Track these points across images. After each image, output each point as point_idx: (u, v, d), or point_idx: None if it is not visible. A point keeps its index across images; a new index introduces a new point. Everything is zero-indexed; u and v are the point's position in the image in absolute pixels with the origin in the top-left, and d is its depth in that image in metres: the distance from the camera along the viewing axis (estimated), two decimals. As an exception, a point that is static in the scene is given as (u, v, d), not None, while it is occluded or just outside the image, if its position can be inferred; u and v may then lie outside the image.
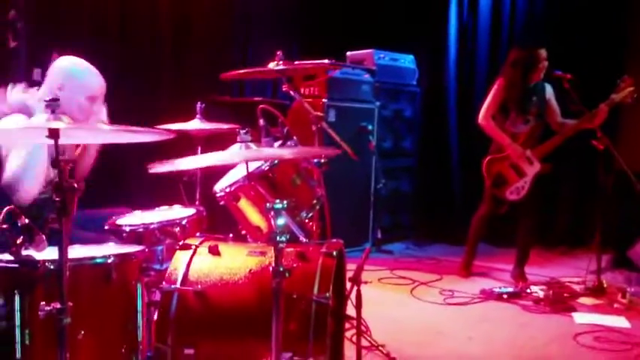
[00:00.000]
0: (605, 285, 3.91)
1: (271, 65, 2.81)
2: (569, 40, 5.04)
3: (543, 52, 4.02)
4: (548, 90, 4.15)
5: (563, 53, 4.47)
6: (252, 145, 2.08)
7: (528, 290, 3.91)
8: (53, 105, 1.63)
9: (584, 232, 4.98)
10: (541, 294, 3.82)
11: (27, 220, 1.74)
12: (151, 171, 1.91)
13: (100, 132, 1.91)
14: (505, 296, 3.83)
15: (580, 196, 5.11)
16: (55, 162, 1.61)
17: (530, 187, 4.07)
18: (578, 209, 5.16)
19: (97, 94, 2.57)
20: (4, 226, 1.71)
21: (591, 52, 5.00)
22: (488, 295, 3.86)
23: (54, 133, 1.61)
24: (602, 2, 5.04)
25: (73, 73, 2.53)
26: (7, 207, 1.72)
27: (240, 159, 2.21)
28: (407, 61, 5.53)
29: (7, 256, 1.78)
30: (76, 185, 1.63)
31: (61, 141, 1.62)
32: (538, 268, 4.49)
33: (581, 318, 3.50)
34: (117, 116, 2.71)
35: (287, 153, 2.27)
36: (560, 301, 3.73)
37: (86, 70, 2.56)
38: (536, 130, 4.13)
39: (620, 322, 3.43)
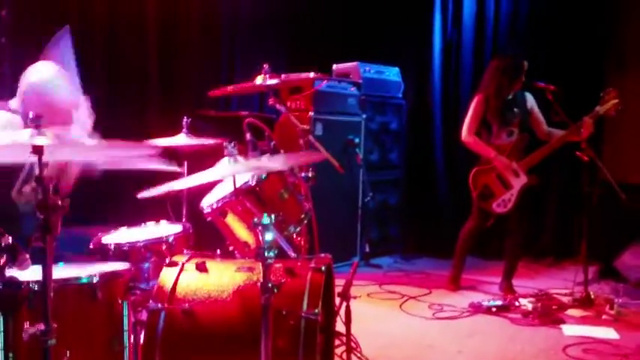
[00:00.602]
0: (592, 296, 3.92)
1: (258, 79, 2.80)
2: (552, 53, 5.10)
3: (525, 64, 4.07)
4: (529, 99, 4.18)
5: (546, 66, 4.52)
6: (240, 158, 2.07)
7: (517, 303, 3.91)
8: (37, 121, 1.60)
9: (571, 243, 5.01)
10: (529, 306, 3.82)
11: (10, 240, 1.71)
12: (140, 196, 1.89)
13: (85, 149, 1.89)
14: (494, 309, 3.83)
15: (565, 208, 5.14)
16: (38, 179, 1.58)
17: (516, 199, 4.09)
18: (564, 221, 5.18)
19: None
20: (-13, 245, 1.68)
21: (574, 64, 5.07)
22: (477, 309, 3.85)
23: (38, 150, 1.58)
24: (584, 15, 5.11)
25: (32, 81, 2.41)
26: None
27: (230, 172, 2.19)
28: (392, 73, 5.56)
29: (-11, 277, 1.74)
30: (60, 202, 1.60)
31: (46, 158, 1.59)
32: (526, 281, 4.50)
33: (569, 330, 3.50)
34: (103, 132, 2.67)
35: (275, 164, 2.25)
36: (548, 313, 3.73)
37: (49, 70, 2.44)
38: (521, 142, 4.15)
39: (609, 333, 3.44)
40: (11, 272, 1.72)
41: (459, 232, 4.36)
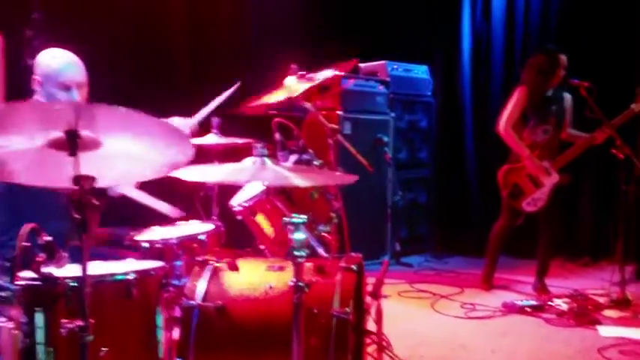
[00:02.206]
0: (629, 297, 3.84)
1: (288, 80, 2.81)
2: (584, 48, 5.00)
3: (564, 58, 3.99)
4: (567, 99, 4.11)
5: (578, 61, 4.43)
6: (267, 160, 2.07)
7: (551, 303, 3.85)
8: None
9: (608, 242, 4.89)
10: (564, 307, 3.75)
11: (48, 238, 1.74)
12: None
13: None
14: (528, 309, 3.77)
15: (602, 206, 5.03)
16: (75, 179, 1.61)
17: (548, 198, 4.01)
18: (600, 220, 5.08)
19: (68, 81, 2.38)
20: (26, 243, 1.72)
21: (608, 59, 4.96)
22: (510, 309, 3.80)
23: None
24: (617, 9, 4.99)
25: (45, 63, 2.41)
26: (29, 225, 1.73)
27: (255, 179, 2.19)
28: (421, 71, 5.52)
29: (28, 274, 1.78)
30: (96, 202, 1.63)
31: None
32: (561, 280, 4.42)
33: (605, 331, 3.43)
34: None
35: (303, 181, 2.21)
36: (584, 313, 3.66)
37: (60, 58, 2.42)
38: (555, 140, 4.08)
39: (647, 334, 3.36)
40: (49, 269, 1.76)
41: (490, 231, 4.30)
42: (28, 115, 1.52)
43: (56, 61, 2.42)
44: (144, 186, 2.65)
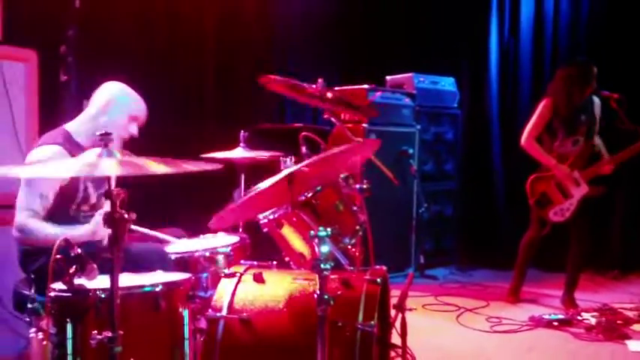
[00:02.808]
0: (660, 311, 3.76)
1: (319, 92, 2.83)
2: (614, 60, 4.94)
3: (595, 69, 3.95)
4: (597, 105, 4.05)
5: (608, 73, 4.37)
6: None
7: (579, 317, 3.78)
8: (106, 139, 1.68)
9: (638, 256, 4.81)
10: (593, 321, 3.68)
11: (79, 250, 1.80)
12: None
13: (145, 166, 1.95)
14: (555, 323, 3.71)
15: (632, 219, 4.94)
16: (107, 193, 1.66)
17: (576, 209, 3.96)
18: (631, 232, 4.98)
19: (139, 115, 2.64)
20: (58, 256, 1.77)
21: (636, 73, 4.88)
22: (537, 322, 3.74)
23: (108, 167, 1.66)
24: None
25: (118, 93, 2.61)
26: (62, 238, 1.78)
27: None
28: (447, 83, 5.51)
29: (59, 285, 1.84)
30: (127, 216, 1.67)
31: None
32: (590, 294, 4.35)
33: (635, 346, 3.36)
34: (163, 146, 2.77)
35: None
36: (613, 328, 3.58)
37: (131, 93, 2.65)
38: (586, 150, 4.02)
39: (678, 350, 3.28)
40: (80, 281, 1.81)
41: (519, 243, 4.26)
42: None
43: (134, 100, 2.64)
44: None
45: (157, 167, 1.71)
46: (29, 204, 2.41)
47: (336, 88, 4.09)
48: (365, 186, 2.75)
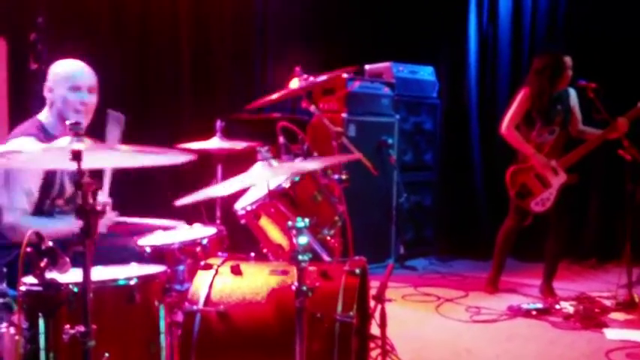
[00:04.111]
0: (636, 299, 3.80)
1: (293, 82, 2.81)
2: (592, 48, 4.97)
3: (569, 60, 3.97)
4: (573, 96, 4.08)
5: (586, 63, 4.40)
6: (273, 162, 2.07)
7: (558, 306, 3.82)
8: (76, 128, 1.63)
9: (614, 244, 4.87)
10: (571, 310, 3.72)
11: (50, 243, 1.74)
12: (178, 204, 1.91)
13: (120, 154, 1.91)
14: (534, 312, 3.74)
15: (609, 208, 5.00)
16: (78, 184, 1.61)
17: (555, 198, 3.99)
18: (607, 221, 5.04)
19: (78, 81, 2.44)
20: (28, 249, 1.72)
21: (616, 59, 4.92)
22: (516, 312, 3.77)
23: (77, 156, 1.61)
24: (624, 10, 4.96)
25: (52, 70, 2.48)
26: (31, 230, 1.73)
27: (265, 177, 2.19)
28: (426, 73, 5.50)
29: (31, 280, 1.78)
30: (99, 208, 1.62)
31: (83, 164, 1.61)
32: (567, 283, 4.39)
33: (612, 334, 3.40)
34: (137, 136, 2.71)
35: (309, 165, 2.23)
36: (590, 316, 3.62)
37: (62, 63, 2.49)
38: (561, 139, 4.05)
39: (654, 337, 3.33)
40: (51, 275, 1.76)
41: (497, 233, 4.28)
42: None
43: (67, 67, 2.49)
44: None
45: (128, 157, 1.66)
46: (16, 202, 2.34)
47: (314, 77, 4.06)
48: (344, 176, 2.73)
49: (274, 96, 2.95)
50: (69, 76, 2.46)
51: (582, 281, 4.56)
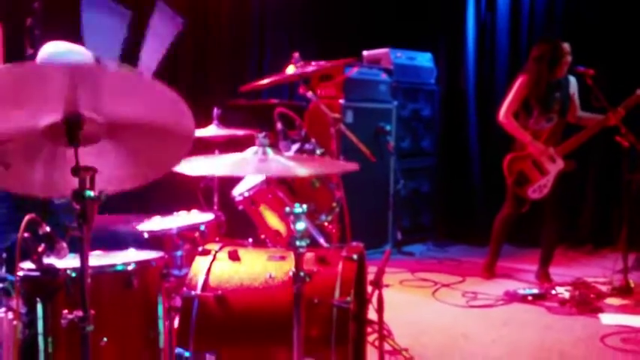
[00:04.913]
0: (632, 285, 3.83)
1: (290, 69, 2.80)
2: (591, 35, 4.95)
3: (567, 46, 3.96)
4: (573, 84, 4.08)
5: (585, 49, 4.39)
6: (270, 150, 2.06)
7: (553, 291, 3.85)
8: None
9: (610, 230, 4.90)
10: (567, 295, 3.75)
11: (48, 228, 1.74)
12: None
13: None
14: (530, 298, 3.77)
15: (605, 194, 5.02)
16: (75, 170, 1.60)
17: (553, 185, 4.00)
18: (603, 208, 5.06)
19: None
20: (26, 234, 1.72)
21: (616, 46, 4.90)
22: (512, 297, 3.80)
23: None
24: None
25: (46, 51, 2.43)
26: (28, 216, 1.73)
27: (257, 172, 2.19)
28: (424, 59, 5.48)
29: (28, 265, 1.79)
30: (96, 193, 1.62)
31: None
32: (563, 269, 4.41)
33: (608, 319, 3.43)
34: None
35: (306, 170, 2.20)
36: (586, 302, 3.65)
37: (61, 45, 2.45)
38: (559, 127, 4.06)
39: (649, 322, 3.36)
40: (49, 260, 1.76)
41: (494, 219, 4.29)
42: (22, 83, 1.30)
43: (57, 48, 2.44)
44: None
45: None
46: None
47: (313, 63, 4.04)
48: (341, 162, 2.73)
49: (265, 81, 2.94)
50: (59, 57, 2.42)
51: (578, 267, 4.58)
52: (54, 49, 2.45)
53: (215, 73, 5.10)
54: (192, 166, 1.92)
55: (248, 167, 2.04)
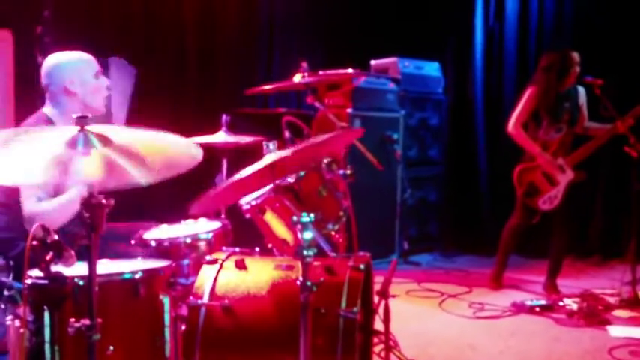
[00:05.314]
0: (640, 297, 3.80)
1: (296, 77, 2.80)
2: (600, 45, 4.94)
3: (576, 56, 3.95)
4: (582, 94, 4.07)
5: (593, 60, 4.38)
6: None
7: (561, 303, 3.82)
8: (83, 122, 1.63)
9: (619, 242, 4.86)
10: (574, 306, 3.72)
11: (56, 236, 1.75)
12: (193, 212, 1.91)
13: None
14: (537, 309, 3.74)
15: (614, 205, 4.98)
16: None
17: (563, 196, 3.98)
18: (612, 218, 5.03)
19: (99, 69, 2.53)
20: (34, 242, 1.73)
21: (624, 56, 4.89)
22: (519, 308, 3.77)
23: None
24: (631, 7, 4.93)
25: (71, 63, 2.48)
26: (37, 223, 1.73)
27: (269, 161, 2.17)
28: (432, 68, 5.48)
29: (36, 273, 1.79)
30: (104, 201, 1.63)
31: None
32: (571, 280, 4.38)
33: (616, 331, 3.40)
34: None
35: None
36: (594, 313, 3.62)
37: (76, 54, 2.52)
38: (568, 137, 4.04)
39: (658, 335, 3.33)
40: (57, 268, 1.77)
41: (503, 230, 4.27)
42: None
43: (81, 56, 2.51)
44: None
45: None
46: (32, 194, 2.30)
47: (321, 72, 4.05)
48: (348, 171, 2.73)
49: (269, 86, 2.95)
50: (90, 64, 2.51)
51: (586, 278, 4.55)
52: (57, 60, 2.49)
53: (223, 80, 5.12)
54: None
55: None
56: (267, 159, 2.13)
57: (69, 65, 2.47)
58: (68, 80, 2.45)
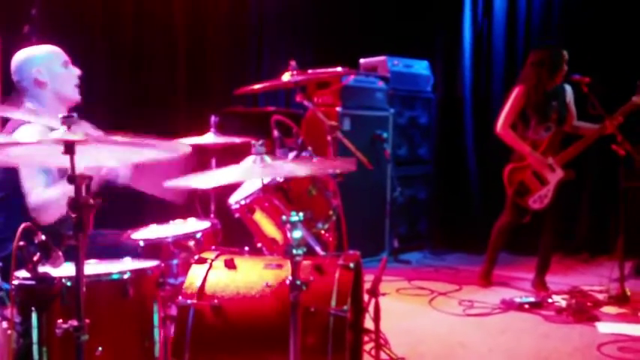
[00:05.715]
0: (628, 293, 3.82)
1: (285, 76, 2.80)
2: (587, 43, 4.97)
3: (565, 54, 3.97)
4: (569, 92, 4.09)
5: (581, 56, 4.41)
6: (267, 158, 2.06)
7: (550, 300, 3.84)
8: (69, 121, 1.61)
9: (607, 239, 4.90)
10: (563, 303, 3.74)
11: (43, 237, 1.74)
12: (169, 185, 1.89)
13: (116, 147, 1.89)
14: (526, 306, 3.76)
15: (601, 203, 5.02)
16: (71, 178, 1.60)
17: (553, 194, 4.00)
18: (600, 216, 5.07)
19: (67, 59, 2.51)
20: (21, 243, 1.71)
21: (611, 54, 4.93)
22: (508, 306, 3.79)
23: (70, 149, 1.59)
24: (619, 5, 4.96)
25: (38, 56, 2.47)
26: (24, 224, 1.72)
27: (257, 176, 2.19)
28: (421, 67, 5.49)
29: (24, 273, 1.78)
30: (92, 201, 1.62)
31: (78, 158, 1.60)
32: (560, 277, 4.41)
33: (604, 327, 3.42)
34: (130, 132, 2.69)
35: (303, 169, 2.22)
36: (582, 310, 3.65)
37: (42, 47, 2.50)
38: (557, 136, 4.06)
39: (645, 331, 3.35)
40: (44, 269, 1.75)
41: (492, 228, 4.29)
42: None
43: (46, 49, 2.49)
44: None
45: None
46: (37, 183, 2.28)
47: (310, 71, 4.05)
48: (338, 170, 2.73)
49: (258, 85, 2.94)
50: (57, 54, 2.49)
51: (575, 275, 4.58)
52: (24, 55, 2.47)
53: (212, 80, 5.10)
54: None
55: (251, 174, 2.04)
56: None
57: (36, 58, 2.46)
58: (36, 71, 2.43)
